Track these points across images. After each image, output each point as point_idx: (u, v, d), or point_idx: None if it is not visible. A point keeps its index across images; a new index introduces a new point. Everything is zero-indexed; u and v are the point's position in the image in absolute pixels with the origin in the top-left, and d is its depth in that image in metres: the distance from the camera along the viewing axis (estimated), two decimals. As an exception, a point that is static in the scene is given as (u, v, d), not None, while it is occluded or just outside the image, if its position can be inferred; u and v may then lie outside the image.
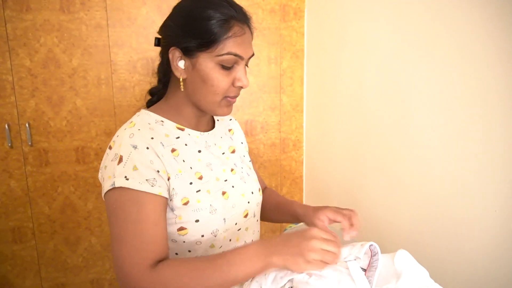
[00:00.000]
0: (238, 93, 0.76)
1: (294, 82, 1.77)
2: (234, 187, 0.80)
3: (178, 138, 0.76)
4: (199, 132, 0.81)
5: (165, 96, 0.81)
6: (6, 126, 1.48)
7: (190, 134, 0.79)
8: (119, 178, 0.65)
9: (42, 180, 1.56)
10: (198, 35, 0.69)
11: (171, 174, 0.70)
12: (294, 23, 1.71)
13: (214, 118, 0.90)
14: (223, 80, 0.72)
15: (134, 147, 0.67)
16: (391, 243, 1.15)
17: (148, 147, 0.68)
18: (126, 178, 0.64)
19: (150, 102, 0.84)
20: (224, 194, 0.77)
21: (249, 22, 0.74)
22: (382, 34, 1.14)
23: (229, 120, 0.96)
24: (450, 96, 0.88)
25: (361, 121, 1.29)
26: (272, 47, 1.71)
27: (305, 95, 1.79)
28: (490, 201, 0.79)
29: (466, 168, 0.85)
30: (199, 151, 0.78)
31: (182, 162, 0.73)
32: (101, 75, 1.54)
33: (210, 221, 0.72)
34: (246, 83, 0.73)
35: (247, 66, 0.76)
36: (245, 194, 0.82)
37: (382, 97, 1.16)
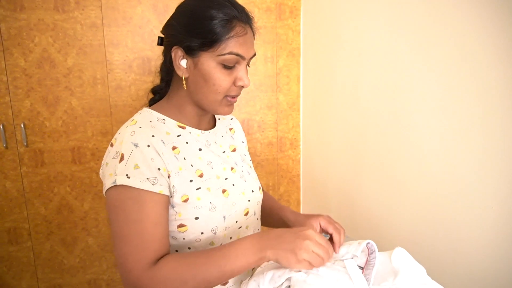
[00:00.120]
0: (239, 92, 0.77)
1: (290, 81, 1.77)
2: (234, 186, 0.81)
3: (179, 136, 0.77)
4: (200, 130, 0.82)
5: (167, 94, 0.82)
6: (1, 127, 1.46)
7: (191, 133, 0.79)
8: (121, 176, 0.66)
9: (38, 180, 1.55)
10: (201, 35, 0.70)
11: (172, 171, 0.70)
12: (290, 22, 1.71)
13: (215, 117, 0.91)
14: (225, 79, 0.72)
15: (135, 145, 0.68)
16: (388, 241, 1.15)
17: (149, 145, 0.69)
18: (127, 176, 0.66)
19: (153, 100, 0.85)
20: (224, 192, 0.78)
21: (251, 23, 0.75)
22: (379, 32, 1.14)
23: (230, 119, 0.96)
24: (447, 94, 0.88)
25: (358, 119, 1.29)
26: (268, 46, 1.71)
27: (301, 94, 1.79)
28: (487, 198, 0.79)
29: (463, 166, 0.85)
30: (200, 150, 0.79)
31: (183, 159, 0.74)
32: (96, 75, 1.53)
33: (209, 218, 0.73)
34: (247, 83, 0.74)
35: (249, 66, 0.77)
36: (245, 192, 0.82)
37: (379, 95, 1.16)
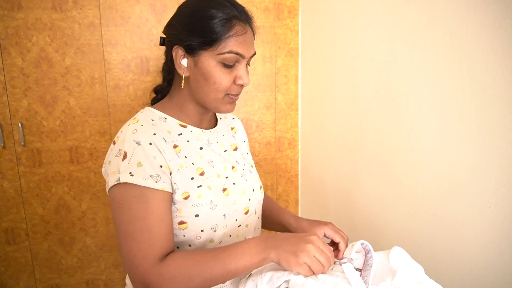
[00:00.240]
0: (240, 91, 0.78)
1: (289, 81, 1.77)
2: (235, 184, 0.81)
3: (180, 134, 0.78)
4: (202, 129, 0.82)
5: (169, 94, 0.83)
6: (-2, 126, 1.46)
7: (192, 131, 0.80)
8: (124, 174, 0.66)
9: (36, 180, 1.55)
10: (201, 34, 0.71)
11: (173, 169, 0.71)
12: (289, 21, 1.71)
13: (216, 116, 0.92)
14: (225, 78, 0.73)
15: (138, 143, 0.69)
16: (386, 240, 1.15)
17: (151, 143, 0.70)
18: (131, 174, 0.66)
19: (155, 99, 0.86)
20: (224, 190, 0.78)
21: (251, 22, 0.76)
22: (377, 32, 1.14)
23: (232, 118, 0.97)
24: (445, 93, 0.89)
25: (356, 119, 1.30)
26: (266, 46, 1.71)
27: (300, 94, 1.79)
28: (485, 198, 0.79)
29: (461, 165, 0.85)
30: (201, 148, 0.80)
31: (184, 158, 0.75)
32: (94, 74, 1.53)
33: (210, 216, 0.74)
34: (247, 81, 0.75)
35: (249, 65, 0.78)
36: (245, 191, 0.83)
37: (377, 95, 1.16)
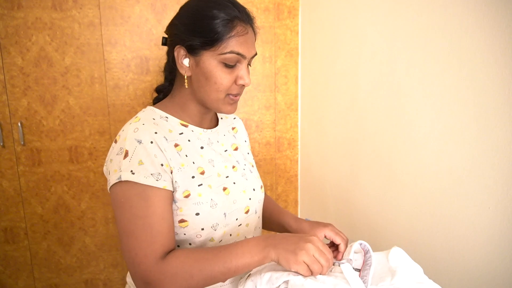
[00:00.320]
0: (241, 91, 0.78)
1: (288, 81, 1.77)
2: (235, 184, 0.81)
3: (181, 134, 0.78)
4: (203, 129, 0.83)
5: (170, 93, 0.83)
6: (-2, 126, 1.46)
7: (193, 131, 0.81)
8: (125, 172, 0.67)
9: (35, 180, 1.55)
10: (203, 34, 0.71)
11: (174, 167, 0.72)
12: (289, 22, 1.71)
13: (218, 116, 0.93)
14: (226, 77, 0.74)
15: (139, 142, 0.69)
16: (386, 240, 1.15)
17: (152, 141, 0.70)
18: (132, 172, 0.67)
19: (157, 99, 0.87)
20: (225, 190, 0.78)
21: (252, 23, 0.77)
22: (376, 32, 1.14)
23: (233, 118, 0.98)
24: (444, 93, 0.89)
25: (356, 119, 1.30)
26: (266, 46, 1.71)
27: (299, 94, 1.79)
28: (484, 198, 0.80)
29: (460, 165, 0.85)
30: (202, 148, 0.80)
31: (185, 156, 0.75)
32: (94, 74, 1.53)
33: (210, 215, 0.74)
34: (248, 81, 0.75)
35: (250, 65, 0.78)
36: (246, 190, 0.83)
37: (377, 95, 1.16)
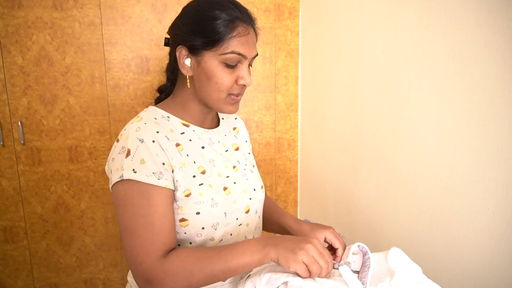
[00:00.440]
0: (242, 91, 0.79)
1: (288, 82, 1.77)
2: (235, 183, 0.82)
3: (183, 133, 0.78)
4: (204, 129, 0.83)
5: (172, 93, 0.84)
6: (-2, 125, 1.46)
7: (194, 131, 0.81)
8: (127, 171, 0.67)
9: (35, 179, 1.55)
10: (204, 34, 0.72)
11: (175, 166, 0.72)
12: (289, 23, 1.72)
13: (219, 116, 0.93)
14: (227, 77, 0.74)
15: (141, 141, 0.70)
16: (385, 241, 1.16)
17: (153, 140, 0.70)
18: (134, 171, 0.67)
19: (159, 99, 0.87)
20: (225, 189, 0.79)
21: (253, 24, 0.77)
22: (377, 33, 1.14)
23: (234, 119, 0.98)
24: (444, 95, 0.89)
25: (355, 120, 1.30)
26: (266, 47, 1.71)
27: (299, 95, 1.79)
28: (484, 199, 0.80)
29: (460, 166, 0.86)
30: (203, 147, 0.81)
31: (186, 156, 0.76)
32: (94, 74, 1.53)
33: (210, 214, 0.74)
34: (249, 82, 0.76)
35: (251, 66, 0.79)
36: (246, 190, 0.83)
37: (377, 96, 1.16)
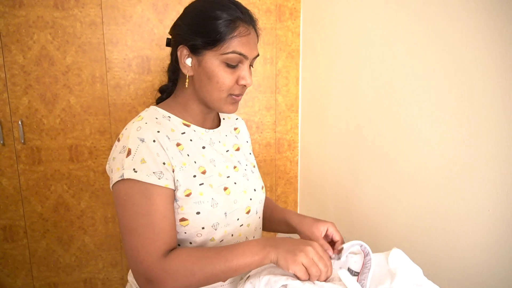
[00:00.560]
0: (243, 91, 0.79)
1: (289, 82, 1.77)
2: (236, 184, 0.82)
3: (183, 133, 0.79)
4: (205, 129, 0.83)
5: (173, 93, 0.84)
6: (-2, 124, 1.46)
7: (195, 131, 0.81)
8: (128, 170, 0.67)
9: (35, 178, 1.54)
10: (205, 34, 0.72)
11: (176, 166, 0.72)
12: (290, 23, 1.72)
13: (220, 116, 0.93)
14: (228, 77, 0.74)
15: (142, 140, 0.70)
16: (385, 242, 1.15)
17: (154, 140, 0.71)
18: (134, 171, 0.67)
19: (160, 99, 0.87)
20: (226, 189, 0.79)
21: (254, 24, 0.78)
22: (378, 34, 1.15)
23: (235, 119, 0.98)
24: (443, 97, 0.89)
25: (356, 121, 1.30)
26: (267, 47, 1.71)
27: (300, 95, 1.79)
28: (484, 201, 0.80)
29: (460, 167, 0.86)
30: (203, 147, 0.81)
31: (187, 156, 0.76)
32: (95, 73, 1.53)
33: (211, 214, 0.74)
34: (249, 82, 0.76)
35: (252, 67, 0.79)
36: (247, 191, 0.83)
37: (377, 97, 1.16)
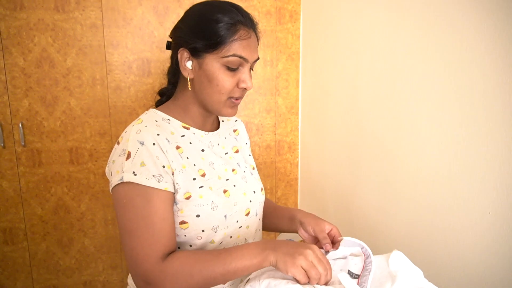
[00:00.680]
0: (243, 94, 0.79)
1: (289, 85, 1.77)
2: (235, 186, 0.82)
3: (183, 136, 0.79)
4: (204, 132, 0.83)
5: (173, 96, 0.84)
6: (-1, 126, 1.46)
7: (195, 133, 0.81)
8: (127, 173, 0.67)
9: (35, 180, 1.54)
10: (206, 37, 0.73)
11: (175, 169, 0.72)
12: (290, 26, 1.72)
13: (219, 119, 0.93)
14: (228, 80, 0.74)
15: (141, 143, 0.70)
16: (385, 244, 1.15)
17: (154, 143, 0.71)
18: (134, 174, 0.67)
19: (160, 101, 0.88)
20: (225, 192, 0.79)
21: (255, 28, 0.78)
22: (378, 37, 1.15)
23: (234, 121, 0.98)
24: (443, 98, 0.89)
25: (356, 123, 1.30)
26: (267, 50, 1.71)
27: (300, 98, 1.80)
28: (484, 203, 0.80)
29: (460, 169, 0.86)
30: (203, 150, 0.81)
31: (186, 159, 0.76)
32: (96, 75, 1.53)
33: (211, 217, 0.74)
34: (250, 85, 0.76)
35: (252, 70, 0.79)
36: (246, 193, 0.84)
37: (377, 99, 1.16)
